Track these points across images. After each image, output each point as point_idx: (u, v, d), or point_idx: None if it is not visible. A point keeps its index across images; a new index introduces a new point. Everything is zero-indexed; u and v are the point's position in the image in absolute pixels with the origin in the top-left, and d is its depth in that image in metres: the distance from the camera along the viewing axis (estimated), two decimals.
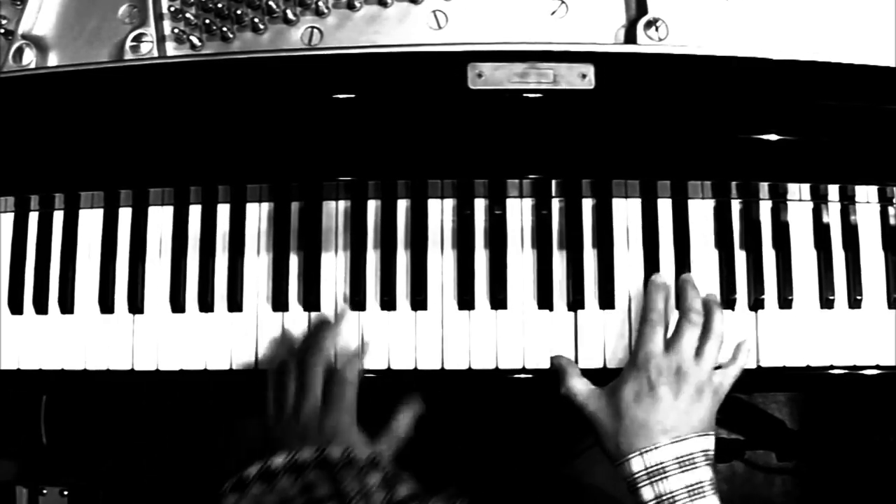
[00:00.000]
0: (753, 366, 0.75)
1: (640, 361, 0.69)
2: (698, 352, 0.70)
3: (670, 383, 0.68)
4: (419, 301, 0.75)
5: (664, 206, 0.77)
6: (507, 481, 0.95)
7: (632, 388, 0.68)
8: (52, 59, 0.76)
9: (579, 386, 0.71)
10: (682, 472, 0.65)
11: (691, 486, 0.65)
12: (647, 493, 0.65)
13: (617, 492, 0.84)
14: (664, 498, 0.65)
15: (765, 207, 0.77)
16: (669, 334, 0.71)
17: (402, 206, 0.77)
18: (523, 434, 0.99)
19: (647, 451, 0.66)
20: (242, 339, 0.76)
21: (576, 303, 0.75)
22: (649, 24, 0.72)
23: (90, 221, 0.79)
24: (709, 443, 0.68)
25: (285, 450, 0.63)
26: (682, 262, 0.76)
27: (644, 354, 0.69)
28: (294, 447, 0.65)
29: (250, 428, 0.88)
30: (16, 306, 0.78)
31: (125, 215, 0.79)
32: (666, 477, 0.65)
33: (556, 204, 0.77)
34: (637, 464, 0.66)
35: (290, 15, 0.74)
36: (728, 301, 0.75)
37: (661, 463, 0.65)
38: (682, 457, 0.65)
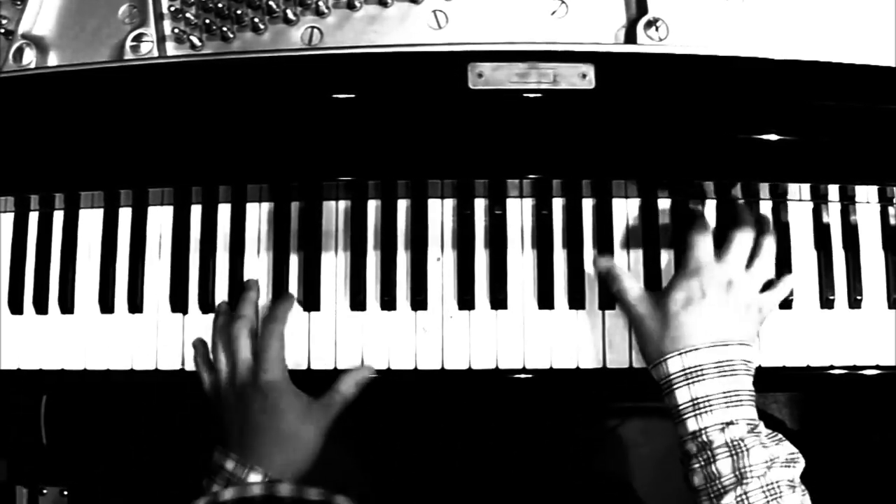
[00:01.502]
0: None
1: (691, 268, 0.69)
2: (748, 266, 0.70)
3: (720, 293, 0.68)
4: (419, 301, 0.75)
5: (664, 207, 0.77)
6: (506, 481, 0.95)
7: (682, 294, 0.68)
8: (52, 59, 0.76)
9: (631, 286, 0.71)
10: (721, 376, 0.64)
11: (728, 392, 0.64)
12: (683, 394, 0.64)
13: (618, 493, 0.84)
14: (700, 400, 0.63)
15: (765, 207, 0.77)
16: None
17: (402, 206, 0.77)
18: (522, 433, 0.99)
19: (687, 352, 0.65)
20: None
21: (576, 303, 0.75)
22: (649, 24, 0.72)
23: (90, 221, 0.79)
24: (750, 353, 0.67)
25: (231, 434, 0.66)
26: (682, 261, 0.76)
27: (695, 261, 0.69)
28: (233, 409, 0.68)
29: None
30: (16, 306, 0.78)
31: (125, 215, 0.79)
32: (703, 379, 0.64)
33: (556, 204, 0.77)
34: (675, 364, 0.65)
35: (290, 15, 0.73)
36: None
37: (700, 365, 0.64)
38: (721, 362, 0.65)
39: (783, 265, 0.76)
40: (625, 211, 0.77)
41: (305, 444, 0.69)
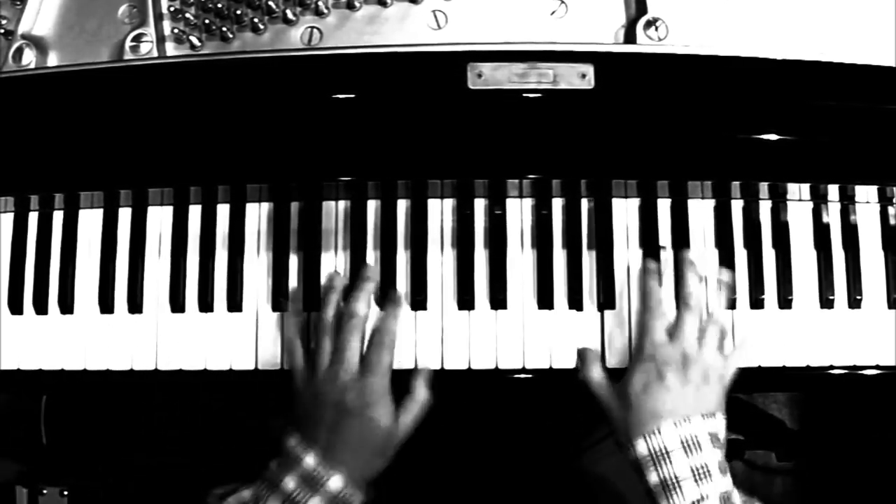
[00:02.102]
0: (754, 365, 0.75)
1: (646, 352, 0.69)
2: (703, 339, 0.70)
3: (677, 371, 0.68)
4: (419, 301, 0.75)
5: (664, 206, 0.77)
6: (506, 481, 0.95)
7: (640, 380, 0.68)
8: (52, 59, 0.76)
9: (596, 375, 0.71)
10: (688, 454, 0.65)
11: (696, 468, 0.64)
12: (653, 476, 0.65)
13: (619, 487, 0.84)
14: (669, 481, 0.64)
15: (765, 207, 0.77)
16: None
17: (402, 206, 0.77)
18: (522, 434, 0.99)
19: (652, 434, 0.65)
20: (242, 340, 0.76)
21: (576, 303, 0.75)
22: (649, 24, 0.72)
23: (90, 221, 0.79)
24: (715, 425, 0.67)
25: (318, 410, 0.67)
26: (682, 261, 0.76)
27: (649, 344, 0.69)
28: (330, 406, 0.67)
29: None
30: (16, 306, 0.78)
31: (125, 215, 0.79)
32: (670, 460, 0.64)
33: (556, 204, 0.77)
34: (642, 447, 0.66)
35: (289, 15, 0.73)
36: (728, 301, 0.75)
37: (666, 445, 0.65)
38: (686, 439, 0.65)
39: (784, 265, 0.76)
40: (625, 211, 0.77)
41: (389, 453, 0.69)
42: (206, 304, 0.76)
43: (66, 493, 1.03)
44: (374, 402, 0.68)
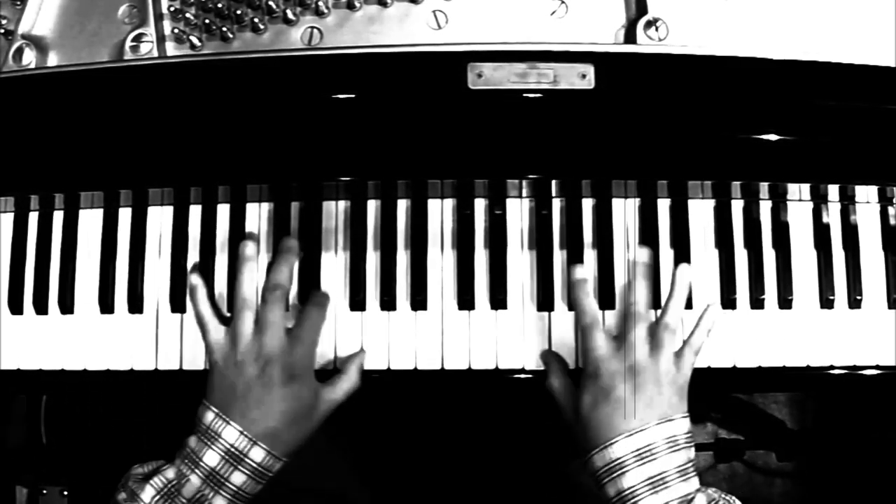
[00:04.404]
0: (754, 365, 0.75)
1: (590, 369, 0.68)
2: (653, 344, 0.68)
3: (626, 383, 0.66)
4: (419, 301, 0.75)
5: (664, 206, 0.77)
6: (505, 480, 0.95)
7: (588, 397, 0.67)
8: (52, 59, 0.76)
9: (556, 384, 0.71)
10: (641, 464, 0.63)
11: (651, 478, 0.62)
12: (610, 490, 0.64)
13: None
14: (625, 494, 0.62)
15: (765, 207, 0.77)
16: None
17: (402, 206, 0.77)
18: (522, 434, 0.99)
19: (604, 448, 0.64)
20: None
21: None
22: (649, 24, 0.72)
23: (90, 221, 0.79)
24: (674, 427, 0.65)
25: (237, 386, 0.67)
26: (682, 262, 0.75)
27: (592, 360, 0.68)
28: (249, 375, 0.67)
29: None
30: (16, 306, 0.78)
31: (125, 215, 0.79)
32: (624, 473, 0.63)
33: (556, 204, 0.77)
34: (598, 461, 0.65)
35: (290, 15, 0.73)
36: (728, 301, 0.75)
37: (620, 458, 0.63)
38: (639, 449, 0.63)
39: (784, 265, 0.76)
40: (624, 211, 0.77)
41: (311, 426, 0.69)
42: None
43: (66, 493, 1.03)
44: (299, 375, 0.68)
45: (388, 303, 0.75)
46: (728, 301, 0.75)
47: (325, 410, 0.70)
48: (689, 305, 0.74)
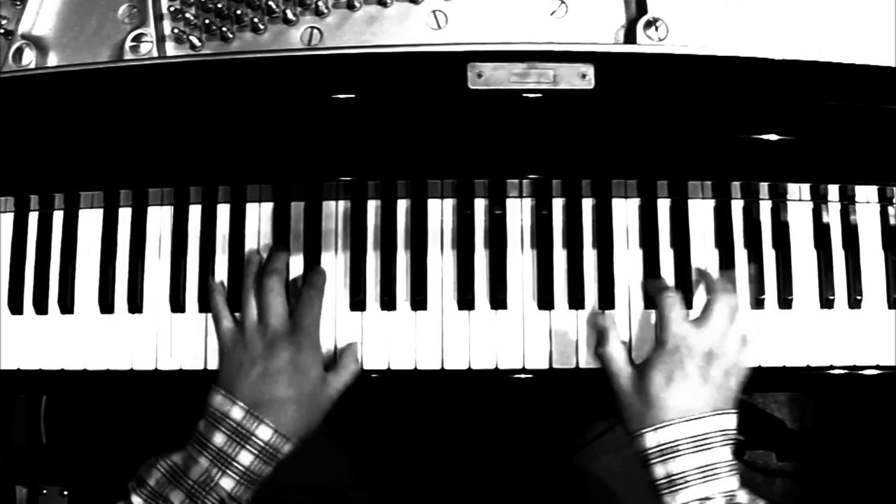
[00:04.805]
0: (754, 365, 0.75)
1: (670, 344, 0.67)
2: (726, 330, 0.69)
3: (702, 367, 0.66)
4: (419, 301, 0.75)
5: (664, 206, 0.77)
6: (504, 479, 0.95)
7: (663, 373, 0.66)
8: (52, 59, 0.76)
9: (617, 353, 0.70)
10: (696, 451, 0.63)
11: (703, 467, 0.63)
12: (659, 470, 0.64)
13: (612, 486, 0.84)
14: (675, 477, 0.63)
15: (765, 207, 0.77)
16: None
17: (402, 206, 0.77)
18: (522, 433, 0.99)
19: (661, 427, 0.64)
20: None
21: (576, 303, 0.75)
22: (649, 24, 0.72)
23: (90, 221, 0.79)
24: (728, 421, 0.66)
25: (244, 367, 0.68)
26: (682, 261, 0.76)
27: (673, 336, 0.68)
28: (257, 357, 0.68)
29: None
30: (16, 306, 0.78)
31: (125, 215, 0.79)
32: (677, 456, 0.63)
33: (556, 204, 0.77)
34: (650, 439, 0.64)
35: (289, 15, 0.73)
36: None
37: (675, 441, 0.63)
38: (696, 436, 0.64)
39: (784, 265, 0.76)
40: (625, 211, 0.77)
41: (319, 409, 0.69)
42: (206, 304, 0.76)
43: (66, 493, 1.03)
44: (304, 349, 0.69)
45: (388, 303, 0.75)
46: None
47: (330, 395, 0.70)
48: (688, 305, 0.75)
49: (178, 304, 0.77)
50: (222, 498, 0.64)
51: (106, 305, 0.77)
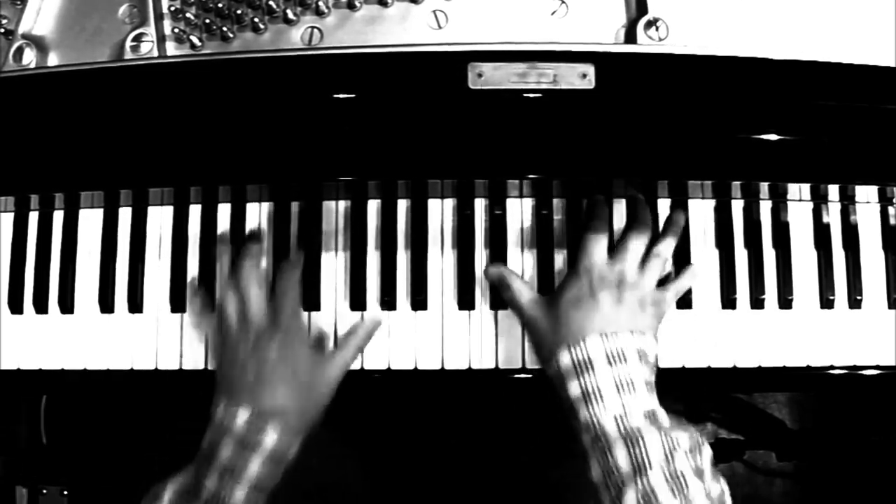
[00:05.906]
0: (754, 365, 0.75)
1: (581, 269, 0.69)
2: (642, 265, 0.70)
3: (611, 291, 0.67)
4: (419, 301, 0.75)
5: (664, 206, 0.77)
6: (504, 478, 0.95)
7: (571, 293, 0.68)
8: (52, 59, 0.76)
9: (522, 290, 0.71)
10: (611, 365, 0.63)
11: (619, 378, 0.62)
12: (574, 387, 0.63)
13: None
14: (590, 390, 0.62)
15: (765, 207, 0.77)
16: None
17: (402, 206, 0.77)
18: (522, 433, 0.99)
19: (577, 344, 0.64)
20: None
21: None
22: (649, 24, 0.72)
23: (90, 221, 0.79)
24: (644, 342, 0.66)
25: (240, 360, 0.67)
26: (683, 261, 0.76)
27: (587, 261, 0.70)
28: (248, 355, 0.67)
29: None
30: (16, 306, 0.78)
31: (125, 215, 0.79)
32: (593, 369, 0.63)
33: (556, 204, 0.77)
34: (565, 358, 0.64)
35: (290, 15, 0.73)
36: (728, 301, 0.75)
37: (590, 355, 0.63)
38: (612, 351, 0.63)
39: (784, 265, 0.76)
40: (625, 211, 0.77)
41: (320, 395, 0.69)
42: (206, 304, 0.76)
43: (66, 492, 1.03)
44: (289, 338, 0.68)
45: (388, 303, 0.75)
46: (728, 301, 0.75)
47: (328, 382, 0.69)
48: (689, 305, 0.75)
49: (178, 304, 0.77)
50: None
51: (106, 305, 0.77)
